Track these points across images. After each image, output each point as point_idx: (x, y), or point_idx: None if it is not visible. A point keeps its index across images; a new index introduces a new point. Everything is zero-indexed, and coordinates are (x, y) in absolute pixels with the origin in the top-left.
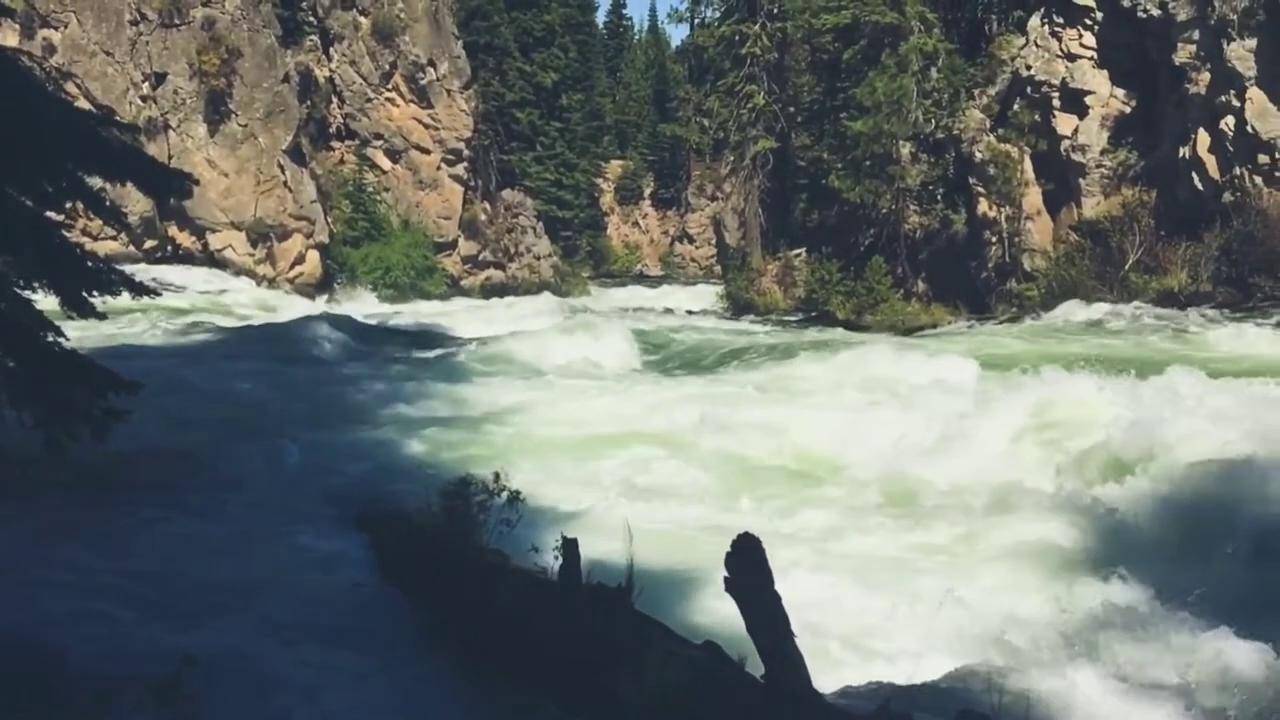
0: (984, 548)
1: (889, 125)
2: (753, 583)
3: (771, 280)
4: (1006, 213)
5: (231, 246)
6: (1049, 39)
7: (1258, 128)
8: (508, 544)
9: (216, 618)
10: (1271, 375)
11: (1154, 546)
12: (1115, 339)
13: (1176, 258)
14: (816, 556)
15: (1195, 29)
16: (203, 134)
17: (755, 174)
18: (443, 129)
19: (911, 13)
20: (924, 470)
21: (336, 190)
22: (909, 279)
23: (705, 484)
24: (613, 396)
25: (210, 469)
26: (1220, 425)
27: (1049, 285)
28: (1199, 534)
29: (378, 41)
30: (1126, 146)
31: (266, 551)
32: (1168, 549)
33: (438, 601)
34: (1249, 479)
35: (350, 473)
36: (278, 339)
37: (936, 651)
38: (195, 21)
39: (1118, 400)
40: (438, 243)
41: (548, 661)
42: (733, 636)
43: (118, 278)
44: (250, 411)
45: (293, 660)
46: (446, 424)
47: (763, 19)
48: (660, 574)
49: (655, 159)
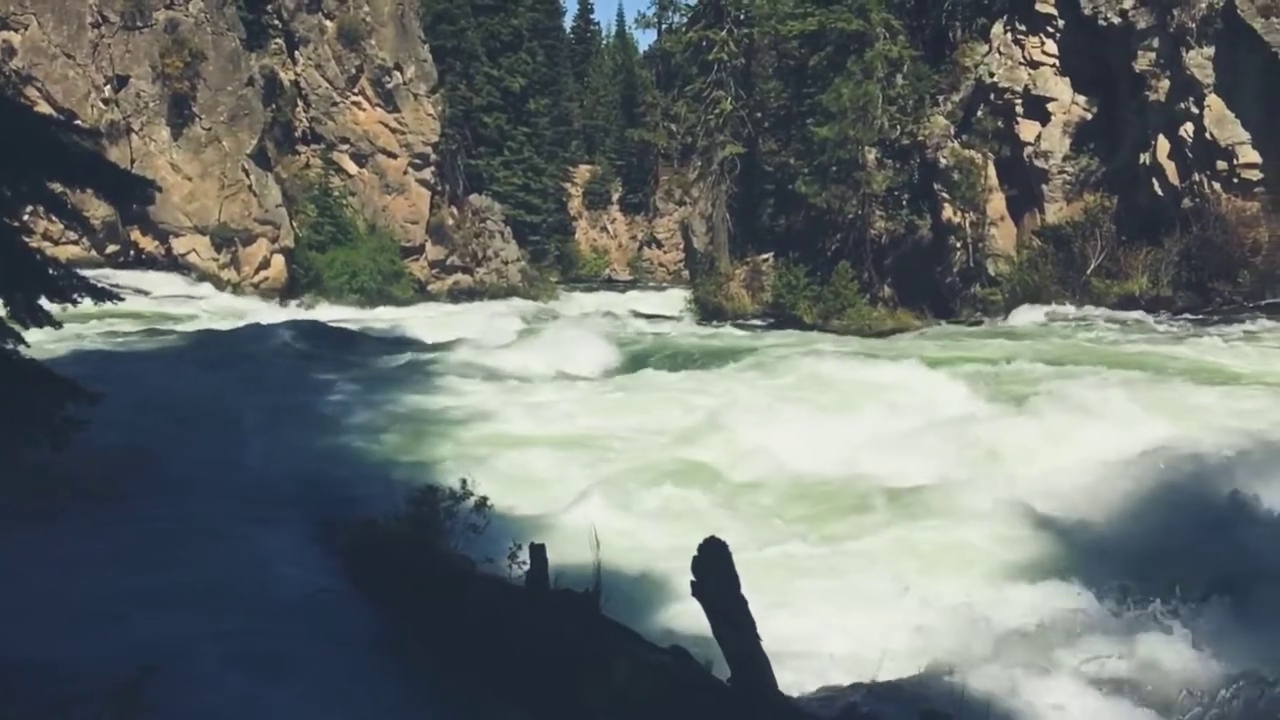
0: (937, 549)
1: (854, 131)
2: (719, 587)
3: (739, 285)
4: (971, 218)
5: (195, 251)
6: (1012, 46)
7: (1216, 134)
8: (475, 550)
9: (177, 625)
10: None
11: (1112, 548)
12: (1046, 342)
13: (1137, 263)
14: (767, 561)
15: (1155, 37)
16: (166, 138)
17: (723, 179)
18: (409, 133)
19: (876, 19)
20: (873, 471)
21: (302, 194)
22: (875, 284)
23: (673, 490)
24: (580, 401)
25: (171, 475)
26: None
27: (1013, 290)
28: (1154, 537)
29: (343, 45)
30: (1088, 153)
31: (230, 558)
32: (1125, 551)
33: (404, 607)
34: (1201, 480)
35: (315, 479)
36: (242, 344)
37: (899, 653)
38: (158, 24)
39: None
40: (405, 247)
41: (516, 667)
42: (700, 640)
43: (79, 283)
44: (213, 418)
45: (256, 668)
46: (412, 429)
47: (730, 25)
48: (628, 579)
49: (623, 164)
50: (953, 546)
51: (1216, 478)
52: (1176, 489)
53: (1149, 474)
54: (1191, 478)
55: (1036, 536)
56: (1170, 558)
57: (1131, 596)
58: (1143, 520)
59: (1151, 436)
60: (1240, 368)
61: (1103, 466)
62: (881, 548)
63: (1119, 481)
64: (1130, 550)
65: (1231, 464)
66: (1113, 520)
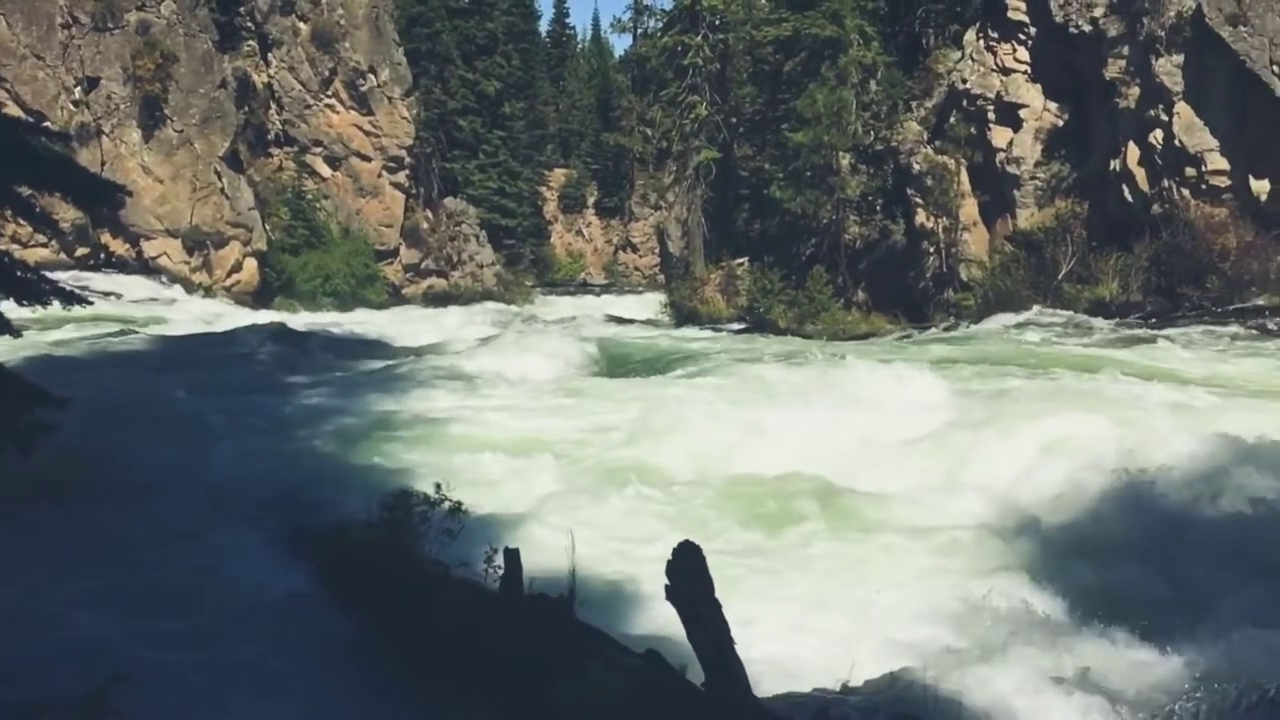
0: (905, 552)
1: (829, 137)
2: (693, 590)
3: (714, 289)
4: (944, 223)
5: (167, 254)
6: (984, 53)
7: (1185, 141)
8: (450, 555)
9: (146, 632)
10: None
11: (1074, 549)
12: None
13: (1108, 268)
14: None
15: (1125, 45)
16: (137, 140)
17: (698, 184)
18: (384, 136)
19: (850, 26)
20: (834, 475)
21: (275, 197)
22: (849, 288)
23: (650, 494)
24: (555, 406)
25: (139, 481)
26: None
27: (985, 295)
28: (1114, 536)
29: (317, 47)
30: (1059, 159)
31: (200, 564)
32: (1094, 553)
33: (377, 613)
34: (1160, 482)
35: (288, 484)
36: (213, 348)
37: (870, 656)
38: (129, 25)
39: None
40: (379, 251)
41: (489, 672)
42: (675, 644)
43: (48, 286)
44: (182, 424)
45: (228, 674)
46: (386, 434)
47: (705, 30)
48: (603, 583)
49: (599, 168)
50: (921, 549)
51: (1179, 481)
52: (1142, 492)
53: (1114, 476)
54: (1154, 481)
55: (1004, 539)
56: (1139, 560)
57: (1102, 598)
58: (1110, 522)
59: (1110, 438)
60: (1191, 371)
61: (1068, 469)
62: (849, 552)
63: (1086, 484)
64: (1099, 552)
65: (1194, 466)
66: (1081, 523)
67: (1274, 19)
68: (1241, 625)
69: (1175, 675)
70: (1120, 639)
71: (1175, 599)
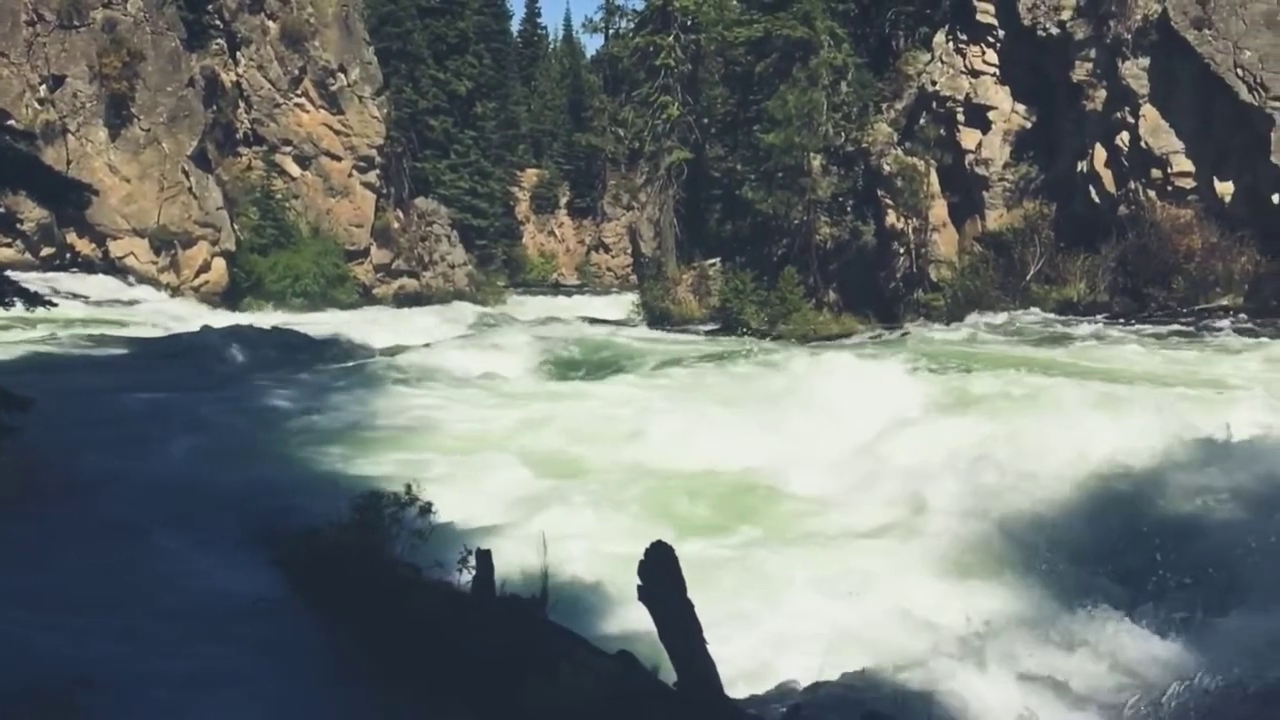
0: (879, 549)
1: (800, 138)
2: (665, 591)
3: (687, 290)
4: (914, 224)
5: (134, 254)
6: (953, 55)
7: (1151, 143)
8: (421, 556)
9: (111, 635)
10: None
11: (1049, 546)
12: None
13: (1075, 268)
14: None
15: (1092, 48)
16: (103, 139)
17: (670, 184)
18: (354, 135)
19: (821, 27)
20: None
21: (243, 197)
22: (820, 289)
23: (622, 495)
24: (524, 406)
25: (105, 486)
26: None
27: (954, 295)
28: (1093, 533)
29: (286, 46)
30: (1027, 161)
31: (166, 567)
32: (1063, 548)
33: (347, 616)
34: (1142, 480)
35: (256, 486)
36: (180, 349)
37: (840, 653)
38: (95, 23)
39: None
40: (349, 251)
41: (460, 674)
42: (647, 645)
43: (11, 287)
44: (150, 427)
45: (195, 677)
46: (355, 435)
47: (676, 31)
48: (576, 584)
49: (571, 168)
50: (889, 546)
51: (1149, 477)
52: (1113, 489)
53: (1086, 474)
54: (1124, 478)
55: (973, 536)
56: (1112, 555)
57: (1074, 594)
58: (1081, 519)
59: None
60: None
61: (1039, 466)
62: (818, 549)
63: (1056, 480)
64: (1069, 548)
65: (1165, 464)
66: (1051, 519)
67: (1238, 23)
68: (1210, 618)
69: (1157, 672)
70: (1100, 636)
71: (1162, 597)
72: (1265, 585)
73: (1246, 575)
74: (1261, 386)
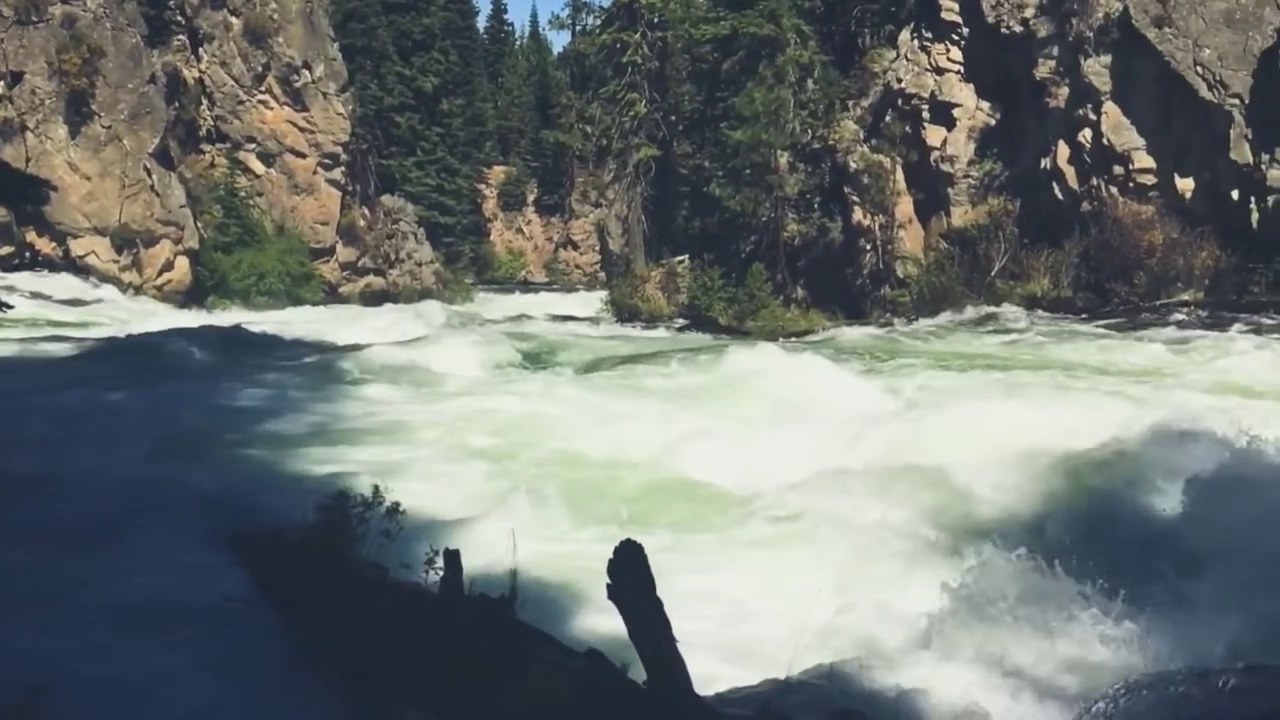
0: (838, 543)
1: (767, 135)
2: (635, 589)
3: (655, 287)
4: (880, 221)
5: (95, 253)
6: (918, 53)
7: (1113, 140)
8: (389, 557)
9: (73, 640)
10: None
11: (1014, 536)
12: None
13: (1039, 264)
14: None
15: (1054, 45)
16: (63, 136)
17: (638, 181)
18: (318, 132)
19: (787, 25)
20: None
21: (207, 195)
22: (788, 285)
23: (589, 491)
24: (494, 404)
25: (66, 488)
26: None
27: (920, 291)
28: (1058, 523)
29: (250, 42)
30: (992, 157)
31: (127, 568)
32: (1027, 539)
33: (313, 618)
34: (1106, 467)
35: (219, 486)
36: (142, 350)
37: (808, 649)
38: (54, 19)
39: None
40: (314, 249)
41: (428, 675)
42: (617, 644)
43: None
44: (112, 428)
45: (157, 681)
46: (322, 435)
47: (643, 28)
48: (546, 583)
49: (538, 165)
50: (856, 541)
51: (1115, 468)
52: (1080, 478)
53: (1052, 464)
54: (1090, 467)
55: (940, 528)
56: (1081, 547)
57: (1036, 585)
58: (1050, 510)
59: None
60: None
61: (1001, 457)
62: (785, 544)
63: (1022, 472)
64: (1038, 540)
65: (1131, 452)
66: (1021, 511)
67: (1198, 21)
68: (1179, 611)
69: (1126, 664)
70: (1065, 628)
71: (1132, 589)
72: (1226, 575)
73: (1207, 564)
74: (1209, 378)
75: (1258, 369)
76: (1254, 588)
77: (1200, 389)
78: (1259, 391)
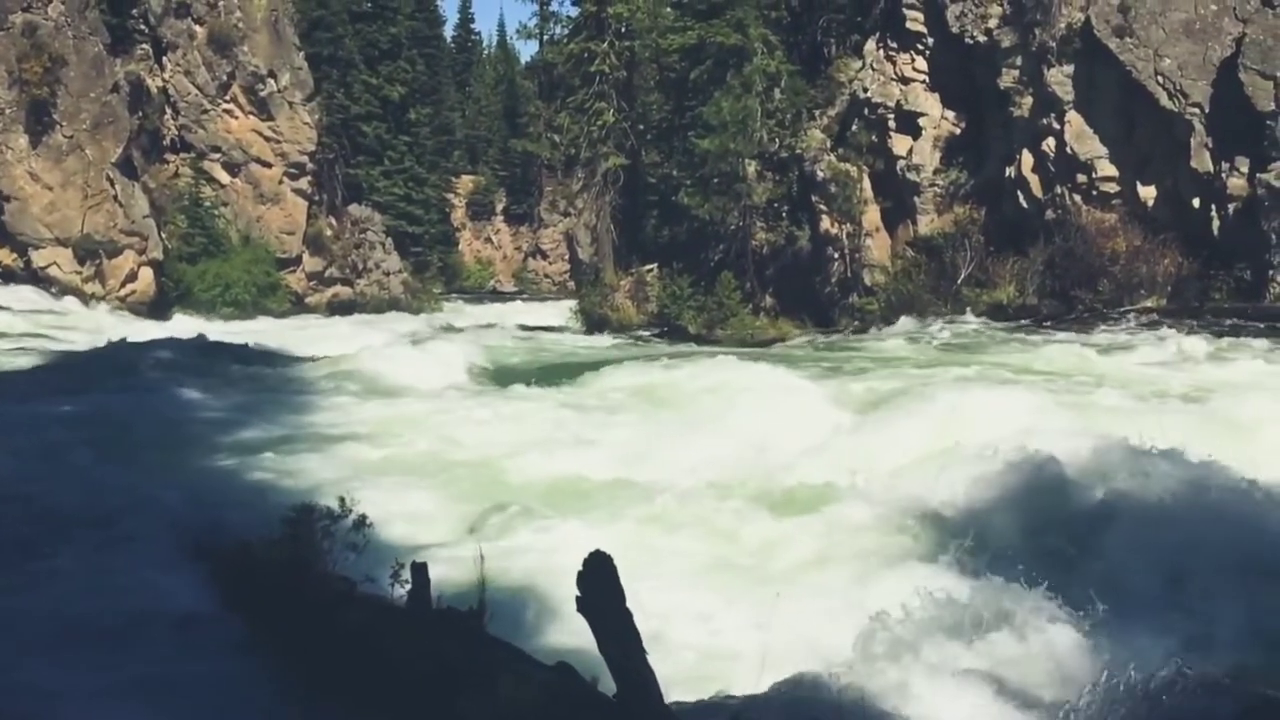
0: (804, 551)
1: (735, 144)
2: (604, 601)
3: (625, 296)
4: (847, 229)
5: (57, 264)
6: (884, 63)
7: (1076, 149)
8: (355, 570)
9: (34, 657)
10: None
11: (981, 542)
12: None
13: (1005, 272)
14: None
15: (1018, 55)
16: (24, 146)
17: (607, 190)
18: (284, 142)
19: (755, 35)
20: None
21: (171, 205)
22: (758, 294)
23: (558, 504)
24: (463, 415)
25: (26, 503)
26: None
27: (888, 299)
28: (1026, 528)
29: (214, 51)
30: (958, 166)
31: (89, 584)
32: (995, 544)
33: (279, 632)
34: (1068, 469)
35: (185, 501)
36: (105, 362)
37: (775, 657)
38: (14, 27)
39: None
40: (281, 259)
41: (396, 689)
42: (587, 656)
43: None
44: (73, 443)
45: (119, 697)
46: (288, 447)
47: (611, 38)
48: (515, 596)
49: (507, 174)
50: (825, 546)
51: (1082, 471)
52: (1046, 482)
53: (1017, 468)
54: (1055, 472)
55: (909, 535)
56: (1049, 550)
57: (1002, 586)
58: (1016, 514)
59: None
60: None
61: (970, 462)
62: (755, 550)
63: (990, 476)
64: (1005, 544)
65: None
66: (986, 515)
67: (1158, 31)
68: (1146, 611)
69: (1095, 664)
70: (1036, 632)
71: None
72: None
73: (1169, 566)
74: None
75: (1167, 372)
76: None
77: (1111, 386)
78: (1167, 391)
